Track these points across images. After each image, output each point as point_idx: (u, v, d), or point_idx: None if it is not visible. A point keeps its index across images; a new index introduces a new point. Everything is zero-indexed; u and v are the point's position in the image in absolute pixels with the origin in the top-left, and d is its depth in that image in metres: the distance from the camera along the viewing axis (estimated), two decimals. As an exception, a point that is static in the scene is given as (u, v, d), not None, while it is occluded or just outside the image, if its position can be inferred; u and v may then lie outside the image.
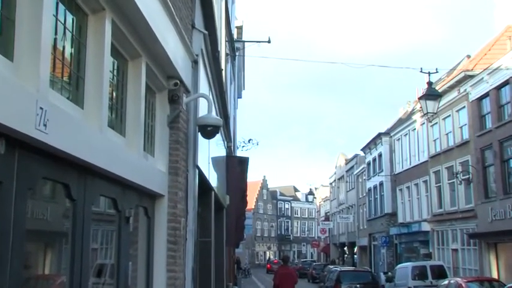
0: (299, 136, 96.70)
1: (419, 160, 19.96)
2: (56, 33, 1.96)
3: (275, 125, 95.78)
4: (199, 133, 3.84)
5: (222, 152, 7.51)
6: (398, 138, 22.61)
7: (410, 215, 20.85)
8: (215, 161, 6.00)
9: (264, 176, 56.50)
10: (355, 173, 30.46)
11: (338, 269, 15.76)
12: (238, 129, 13.77)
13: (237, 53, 11.56)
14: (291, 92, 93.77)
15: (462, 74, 15.84)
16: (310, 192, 30.27)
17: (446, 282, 11.32)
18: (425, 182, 19.39)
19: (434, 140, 18.37)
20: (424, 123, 19.26)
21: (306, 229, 58.16)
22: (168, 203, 3.31)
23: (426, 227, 18.59)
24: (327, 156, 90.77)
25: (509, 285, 9.98)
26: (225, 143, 8.22)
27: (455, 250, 16.32)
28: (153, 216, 3.24)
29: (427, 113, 9.25)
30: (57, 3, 1.98)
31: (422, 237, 19.00)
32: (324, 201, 44.57)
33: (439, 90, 13.24)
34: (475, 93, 15.27)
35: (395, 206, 22.69)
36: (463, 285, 10.52)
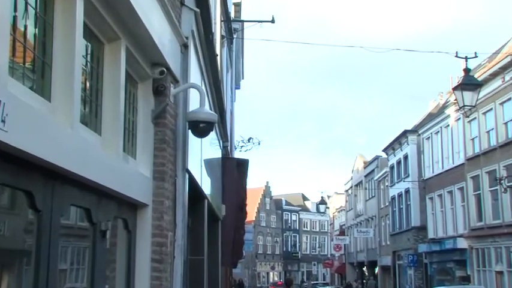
0: (309, 134, 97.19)
1: (453, 163, 19.79)
2: (15, 11, 1.95)
3: (280, 122, 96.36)
4: (189, 131, 3.85)
5: (217, 154, 7.53)
6: (428, 137, 22.48)
7: (443, 229, 20.69)
8: (209, 164, 6.02)
9: (267, 182, 56.74)
10: (375, 178, 30.47)
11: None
12: (237, 126, 13.81)
13: (234, 35, 11.56)
14: (299, 82, 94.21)
15: (508, 59, 15.07)
16: (322, 201, 30.29)
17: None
18: (461, 189, 19.17)
19: (472, 139, 18.08)
20: (459, 118, 18.92)
21: (317, 245, 58.28)
22: (152, 214, 3.32)
23: (463, 243, 18.30)
24: (343, 159, 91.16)
25: None
26: (221, 142, 8.24)
27: (500, 273, 15.86)
28: (134, 230, 3.24)
29: (464, 106, 8.92)
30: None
31: (458, 256, 18.76)
32: (339, 211, 44.64)
33: (479, 79, 12.81)
34: (523, 82, 15.06)
35: (425, 218, 22.62)
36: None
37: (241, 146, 14.14)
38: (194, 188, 4.62)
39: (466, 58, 8.61)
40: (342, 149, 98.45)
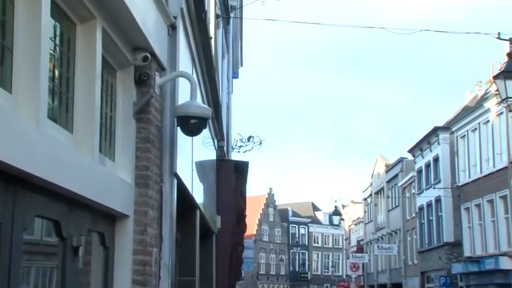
0: (321, 132, 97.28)
1: (494, 166, 19.56)
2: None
3: (287, 117, 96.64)
4: (178, 128, 3.86)
5: (211, 155, 7.55)
6: (464, 135, 22.40)
7: (482, 246, 20.46)
8: (201, 167, 6.03)
9: (270, 189, 56.86)
10: (400, 184, 30.47)
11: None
12: (234, 123, 13.82)
13: (232, 15, 11.56)
14: (309, 70, 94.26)
15: None
16: (336, 212, 30.13)
17: None
18: (503, 198, 18.96)
19: (518, 137, 18.12)
20: (502, 112, 18.66)
21: (330, 264, 58.38)
22: (134, 226, 3.33)
23: (506, 263, 18.06)
24: (361, 161, 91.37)
25: None
26: (215, 142, 8.26)
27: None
28: (112, 246, 3.25)
29: (507, 98, 8.71)
30: None
31: (501, 278, 18.50)
32: (356, 224, 44.66)
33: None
34: None
35: (460, 232, 22.54)
36: None
37: (240, 146, 14.16)
38: (184, 196, 4.62)
39: (511, 40, 8.37)
40: (360, 149, 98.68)
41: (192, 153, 5.11)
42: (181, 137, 4.12)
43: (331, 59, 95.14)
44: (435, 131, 24.41)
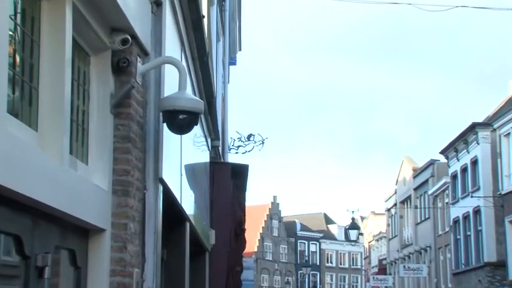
0: (337, 130, 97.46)
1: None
2: None
3: (296, 112, 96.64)
4: (164, 124, 3.87)
5: (204, 157, 7.56)
6: (508, 133, 22.36)
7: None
8: (192, 171, 6.04)
9: (275, 198, 56.95)
10: (430, 192, 30.46)
11: None
12: (232, 118, 13.83)
13: (229, -13, 11.60)
14: (323, 57, 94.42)
15: None
16: (354, 225, 29.95)
17: None
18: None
19: None
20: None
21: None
22: (111, 242, 3.35)
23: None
24: (384, 164, 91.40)
25: None
26: (209, 141, 8.27)
27: None
28: (85, 266, 3.25)
29: None
30: None
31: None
32: (377, 240, 44.66)
33: None
34: None
35: (503, 250, 22.51)
36: None
37: (238, 147, 14.16)
38: (171, 205, 4.64)
39: None
40: (383, 150, 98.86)
41: (181, 154, 5.12)
42: (168, 135, 4.13)
43: (349, 42, 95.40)
44: (473, 128, 24.24)
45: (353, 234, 31.89)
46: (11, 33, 2.53)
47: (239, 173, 9.09)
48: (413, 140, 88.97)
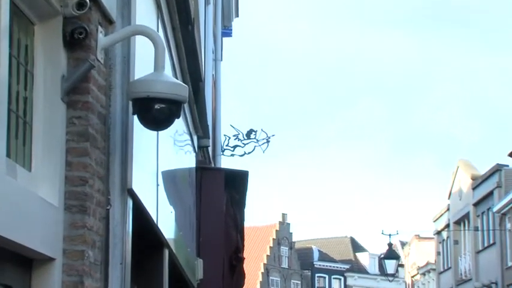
0: (369, 124, 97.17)
1: None
2: None
3: (314, 101, 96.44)
4: (135, 117, 3.89)
5: (189, 161, 7.58)
6: None
7: None
8: (172, 180, 6.06)
9: (284, 216, 56.92)
10: (496, 208, 30.34)
11: None
12: (226, 109, 13.82)
13: None
14: (351, 25, 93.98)
15: None
16: (391, 254, 29.81)
17: None
18: None
19: None
20: None
21: (382, 339, 58.35)
22: (63, 276, 3.35)
23: None
24: (432, 170, 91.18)
25: None
26: (195, 139, 8.28)
27: None
28: (27, 308, 3.26)
29: None
30: None
31: None
32: (424, 273, 44.57)
33: None
34: None
35: None
36: None
37: (235, 147, 14.18)
38: (144, 227, 4.65)
39: None
40: (432, 152, 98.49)
41: (158, 158, 5.13)
42: (140, 132, 4.15)
43: (385, 6, 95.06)
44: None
45: (390, 265, 31.71)
46: None
47: (236, 182, 9.11)
48: (474, 139, 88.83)
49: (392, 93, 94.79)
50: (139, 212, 4.38)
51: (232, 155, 14.06)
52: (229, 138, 14.03)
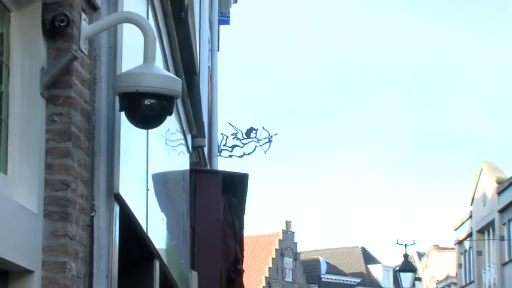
0: (385, 123, 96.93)
1: None
2: None
3: (323, 96, 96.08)
4: (122, 114, 3.90)
5: (182, 162, 7.59)
6: None
7: None
8: (164, 184, 6.06)
9: (288, 224, 56.85)
10: (523, 215, 30.32)
11: None
12: (223, 106, 13.82)
13: None
14: (365, 12, 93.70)
15: None
16: (407, 266, 29.73)
17: None
18: None
19: None
20: None
21: None
22: (42, 290, 3.35)
23: None
24: (453, 173, 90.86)
25: None
26: (189, 139, 8.27)
27: None
28: (3, 326, 3.26)
29: None
30: None
31: None
32: None
33: None
34: None
35: None
36: None
37: (233, 147, 14.18)
38: (132, 235, 4.64)
39: None
40: (454, 152, 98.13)
41: (147, 159, 5.13)
42: (128, 130, 4.15)
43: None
44: None
45: (406, 279, 31.64)
46: None
47: (234, 186, 9.10)
48: (500, 138, 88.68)
49: (410, 88, 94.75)
50: (127, 219, 4.38)
51: (230, 156, 14.07)
52: (227, 137, 14.04)
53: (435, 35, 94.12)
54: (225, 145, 13.85)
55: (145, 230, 4.88)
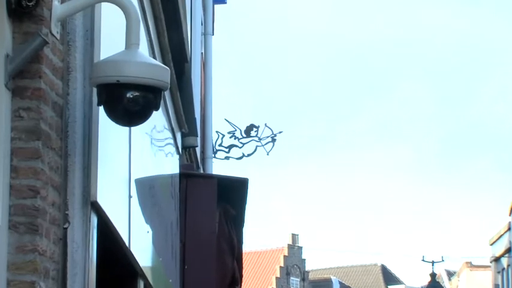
0: (411, 117, 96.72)
1: None
2: None
3: (338, 89, 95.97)
4: (101, 109, 3.89)
5: (170, 166, 7.58)
6: None
7: None
8: (149, 191, 6.06)
9: (295, 238, 56.85)
10: None
11: None
12: (218, 99, 13.80)
13: None
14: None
15: None
16: (435, 286, 29.88)
17: None
18: None
19: None
20: None
21: None
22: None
23: None
24: (488, 178, 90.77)
25: None
26: (179, 137, 8.26)
27: None
28: None
29: None
30: None
31: None
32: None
33: None
34: None
35: None
36: None
37: (230, 147, 14.19)
38: (113, 250, 4.64)
39: None
40: (490, 153, 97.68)
41: (130, 161, 5.14)
42: (107, 127, 4.15)
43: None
44: None
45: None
46: None
47: (232, 193, 9.09)
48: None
49: (440, 80, 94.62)
50: (107, 231, 4.37)
51: (227, 157, 14.09)
52: (224, 136, 14.07)
53: (467, 20, 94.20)
54: (220, 145, 13.88)
55: (127, 244, 4.88)
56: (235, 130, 14.14)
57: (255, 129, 14.36)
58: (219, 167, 13.44)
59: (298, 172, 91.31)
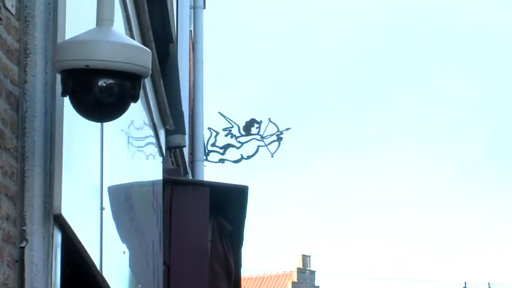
0: (451, 114, 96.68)
1: None
2: None
3: (357, 76, 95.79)
4: (65, 99, 3.92)
5: (152, 170, 7.62)
6: None
7: None
8: (126, 200, 6.09)
9: (305, 260, 56.82)
10: None
11: None
12: (211, 89, 13.82)
13: None
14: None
15: None
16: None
17: None
18: None
19: None
20: None
21: None
22: None
23: None
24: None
25: None
26: (162, 135, 8.28)
27: None
28: None
29: None
30: None
31: None
32: None
33: None
34: None
35: None
36: None
37: (226, 147, 14.18)
38: (80, 274, 4.63)
39: None
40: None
41: (102, 165, 5.16)
42: (73, 123, 4.17)
43: None
44: None
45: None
46: None
47: (228, 204, 9.12)
48: None
49: (488, 67, 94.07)
50: (73, 251, 4.39)
51: (222, 160, 14.09)
52: (218, 133, 14.07)
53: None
54: (214, 145, 13.89)
55: (98, 267, 4.89)
56: (232, 126, 14.14)
57: (256, 125, 14.35)
58: (212, 171, 13.47)
59: (309, 178, 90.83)
